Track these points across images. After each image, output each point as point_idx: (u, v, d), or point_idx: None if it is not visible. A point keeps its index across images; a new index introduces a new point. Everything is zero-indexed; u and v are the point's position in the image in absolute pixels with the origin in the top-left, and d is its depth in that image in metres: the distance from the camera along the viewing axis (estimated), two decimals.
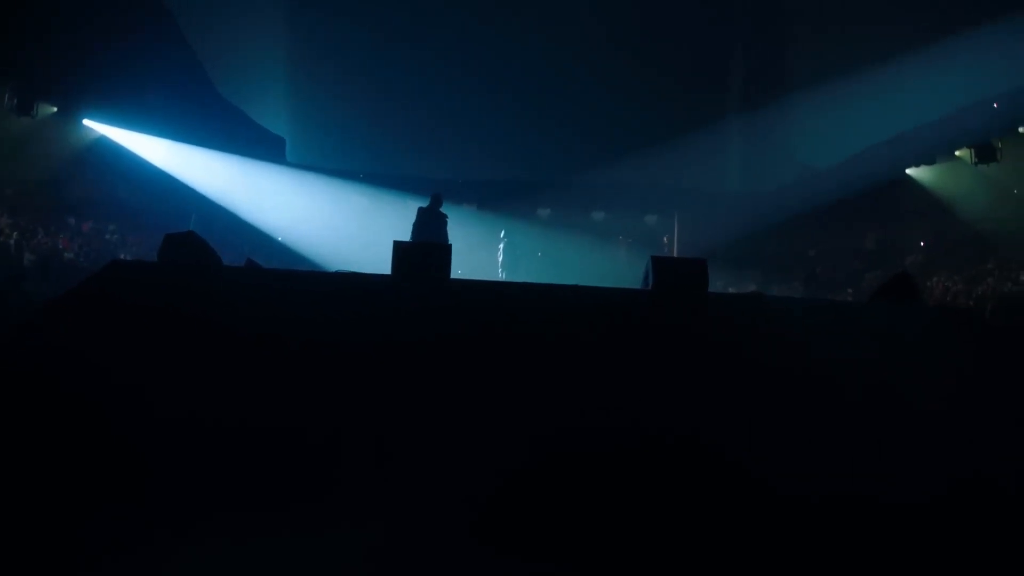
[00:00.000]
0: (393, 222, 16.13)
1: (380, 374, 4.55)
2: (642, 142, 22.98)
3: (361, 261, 12.14)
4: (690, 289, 6.41)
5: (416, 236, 11.31)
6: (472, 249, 16.27)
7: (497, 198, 23.08)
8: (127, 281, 5.69)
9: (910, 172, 21.65)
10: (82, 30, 18.61)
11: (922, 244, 21.58)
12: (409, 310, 5.52)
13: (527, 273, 17.07)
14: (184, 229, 7.75)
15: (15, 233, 16.07)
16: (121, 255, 17.41)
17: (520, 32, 23.45)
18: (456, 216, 12.12)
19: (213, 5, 22.13)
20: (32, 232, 16.99)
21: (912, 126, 20.73)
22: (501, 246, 18.24)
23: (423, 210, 11.78)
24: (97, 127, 20.47)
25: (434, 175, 21.94)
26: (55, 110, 19.39)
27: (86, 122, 20.27)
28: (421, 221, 11.65)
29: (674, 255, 19.66)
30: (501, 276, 17.22)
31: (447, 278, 6.51)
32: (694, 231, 21.43)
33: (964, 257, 19.61)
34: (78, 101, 19.84)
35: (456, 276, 6.71)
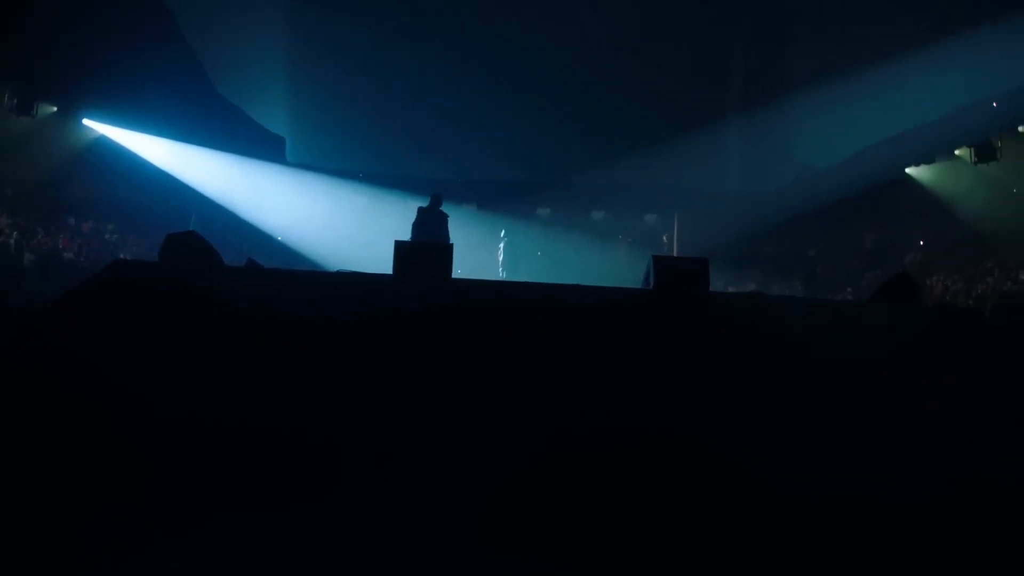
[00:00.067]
0: (394, 222, 16.13)
1: (381, 374, 4.55)
2: (642, 142, 23.00)
3: (361, 261, 12.13)
4: (691, 289, 6.40)
5: (416, 236, 11.28)
6: (472, 249, 16.26)
7: (497, 198, 23.08)
8: (128, 281, 5.68)
9: (910, 171, 21.65)
10: (82, 30, 18.61)
11: (921, 243, 21.57)
12: (410, 310, 5.52)
13: (527, 273, 17.09)
14: (184, 229, 7.75)
15: (15, 233, 16.06)
16: (121, 255, 17.40)
17: (520, 32, 23.46)
18: (456, 216, 12.11)
19: (213, 5, 22.14)
20: (32, 232, 16.98)
21: (912, 126, 20.73)
22: (501, 245, 18.26)
23: (423, 210, 11.75)
24: (97, 127, 20.47)
25: (434, 175, 21.96)
26: (55, 110, 19.39)
27: (86, 122, 20.27)
28: (421, 221, 11.62)
29: (674, 255, 19.65)
30: (501, 275, 17.23)
31: (448, 278, 6.51)
32: (694, 231, 21.43)
33: (964, 256, 19.60)
34: (78, 101, 19.84)
35: (456, 276, 6.70)
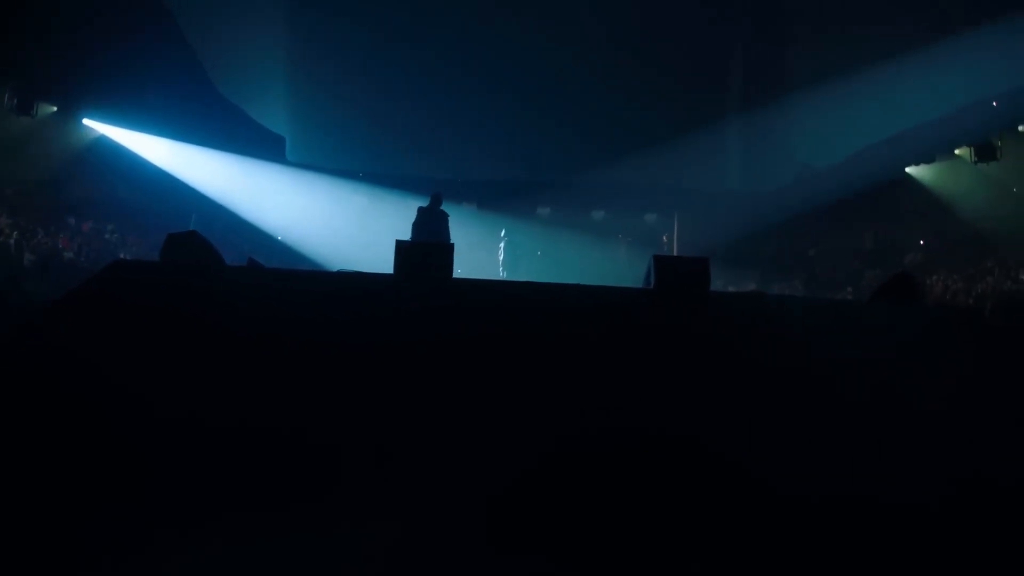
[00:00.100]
0: (394, 222, 16.12)
1: (382, 374, 4.55)
2: (642, 142, 22.99)
3: (361, 260, 12.12)
4: (692, 288, 6.40)
5: (417, 236, 11.25)
6: (472, 248, 16.26)
7: (497, 197, 23.09)
8: (129, 281, 5.68)
9: (910, 171, 21.67)
10: (82, 30, 18.62)
11: (921, 243, 21.59)
12: (411, 309, 5.52)
13: (527, 272, 17.11)
14: (185, 229, 7.74)
15: (15, 233, 16.08)
16: (121, 255, 17.41)
17: (520, 32, 23.44)
18: (456, 215, 12.10)
19: (213, 5, 22.14)
20: (32, 232, 16.99)
21: (912, 125, 20.74)
22: (502, 245, 18.28)
23: (423, 209, 11.73)
24: (97, 127, 20.49)
25: (434, 174, 21.96)
26: (55, 110, 19.41)
27: (86, 122, 20.29)
28: (422, 220, 11.59)
29: (674, 254, 19.65)
30: (502, 275, 17.24)
31: (449, 277, 6.50)
32: (694, 230, 21.42)
33: (964, 256, 19.62)
34: (78, 101, 19.86)
35: (457, 275, 6.70)
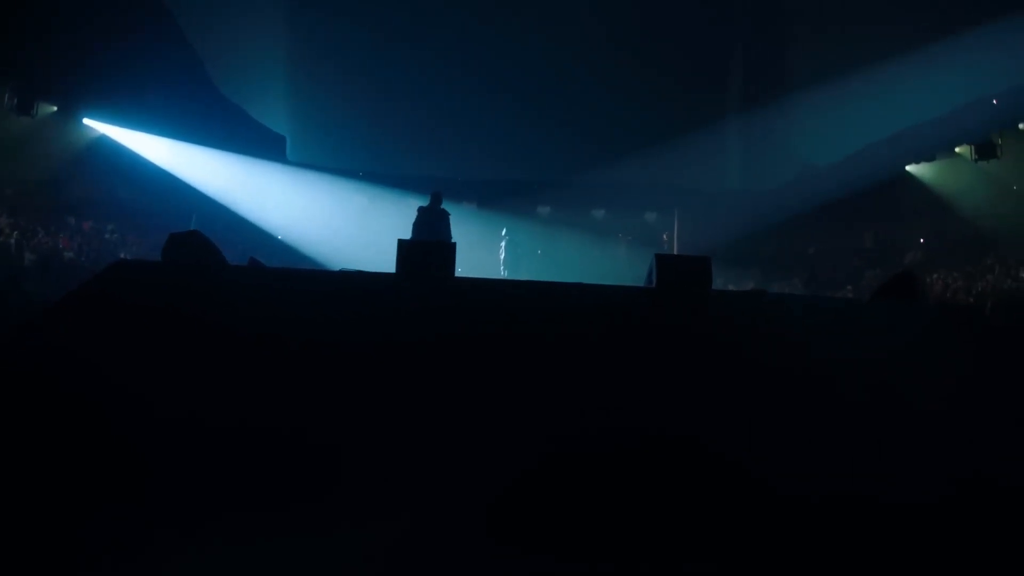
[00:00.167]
0: (394, 221, 16.14)
1: (383, 373, 4.55)
2: (642, 141, 23.02)
3: (361, 260, 12.13)
4: (693, 287, 6.40)
5: (417, 235, 11.25)
6: (472, 247, 16.28)
7: (497, 197, 23.11)
8: (131, 281, 5.68)
9: (910, 169, 21.68)
10: (82, 29, 18.62)
11: (922, 241, 21.58)
12: (413, 308, 5.52)
13: (528, 271, 17.12)
14: (186, 228, 7.74)
15: (15, 233, 16.08)
16: (121, 254, 17.41)
17: (520, 32, 23.45)
18: (456, 215, 12.09)
19: (213, 4, 22.13)
20: (32, 232, 16.99)
21: (913, 124, 20.74)
22: (503, 244, 18.30)
23: (424, 209, 11.73)
24: (97, 126, 20.49)
25: (434, 174, 21.97)
26: (55, 109, 19.41)
27: (86, 121, 20.29)
28: (422, 220, 11.59)
29: (674, 253, 19.65)
30: (503, 274, 17.26)
31: (451, 276, 6.51)
32: (694, 229, 21.42)
33: (964, 254, 19.62)
34: (78, 100, 19.85)
35: (458, 274, 6.71)
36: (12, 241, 15.70)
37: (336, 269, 12.77)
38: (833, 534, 3.53)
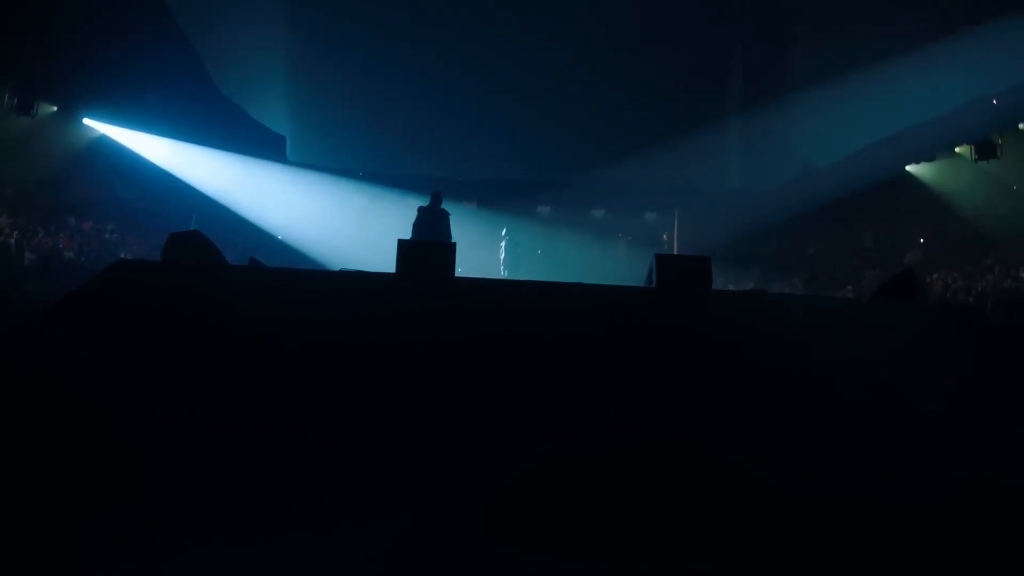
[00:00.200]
0: (394, 221, 16.13)
1: (385, 373, 4.55)
2: (642, 141, 22.98)
3: (361, 259, 12.13)
4: (693, 287, 6.40)
5: (418, 235, 11.23)
6: (472, 247, 16.29)
7: (497, 196, 23.10)
8: (132, 281, 5.68)
9: (910, 169, 21.67)
10: (82, 29, 18.61)
11: (922, 241, 21.57)
12: (414, 308, 5.52)
13: (528, 271, 17.13)
14: (186, 228, 7.74)
15: (15, 233, 16.08)
16: (121, 254, 17.41)
17: (520, 32, 23.43)
18: (456, 214, 12.09)
19: (214, 4, 22.11)
20: (32, 232, 16.99)
21: (913, 123, 20.71)
22: (503, 244, 18.32)
23: (424, 209, 11.72)
24: (97, 126, 20.48)
25: (434, 173, 21.95)
26: (55, 109, 19.41)
27: (86, 121, 20.28)
28: (423, 220, 11.58)
29: (674, 252, 19.64)
30: (503, 274, 17.27)
31: (451, 276, 6.51)
32: (694, 229, 21.41)
33: (964, 254, 19.60)
34: (78, 100, 19.85)
35: (458, 274, 6.71)
36: (12, 241, 15.70)
37: (336, 269, 12.77)
38: (833, 534, 3.53)
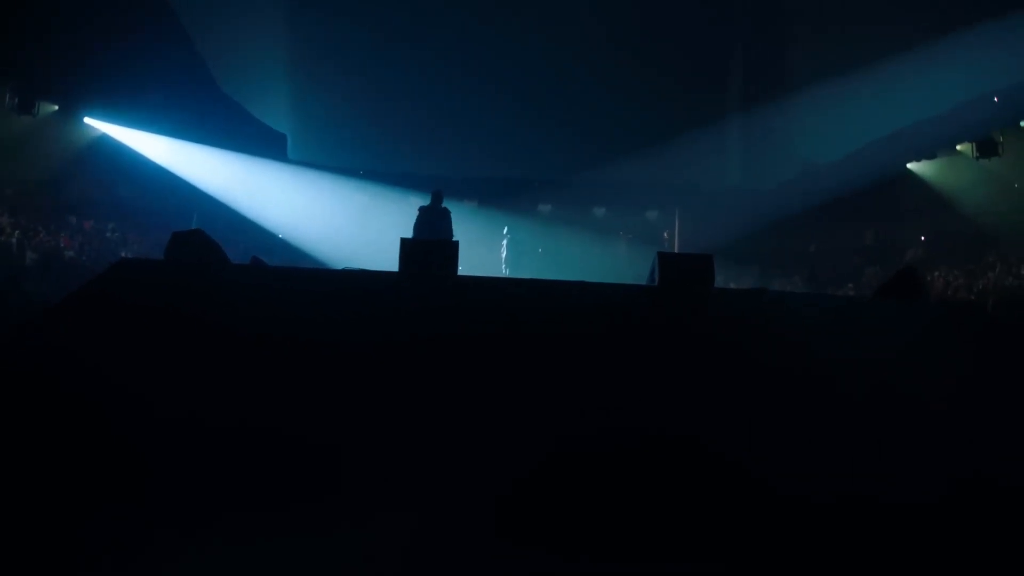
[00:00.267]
0: (395, 219, 16.15)
1: (387, 372, 4.54)
2: (643, 140, 23.00)
3: (362, 258, 12.14)
4: (695, 285, 6.39)
5: (419, 235, 11.25)
6: (472, 245, 16.30)
7: (498, 195, 23.13)
8: (135, 280, 5.68)
9: (911, 167, 21.67)
10: (83, 28, 18.63)
11: (923, 239, 21.57)
12: (417, 306, 5.51)
13: (529, 269, 17.16)
14: (187, 227, 7.74)
15: (16, 232, 16.09)
16: (123, 253, 17.42)
17: (520, 32, 23.43)
18: (457, 213, 12.09)
19: (215, 3, 22.12)
20: (33, 231, 17.00)
21: (914, 121, 20.71)
22: (504, 242, 18.35)
23: (425, 208, 11.73)
24: (98, 125, 20.49)
25: (435, 172, 21.97)
26: (56, 109, 19.43)
27: (87, 120, 20.29)
28: (424, 219, 11.60)
29: (675, 251, 19.65)
30: (504, 272, 17.31)
31: (454, 274, 6.51)
32: (695, 227, 21.42)
33: (965, 251, 19.61)
34: (79, 99, 19.88)
35: (460, 273, 6.71)
36: (13, 240, 15.71)
37: (338, 268, 12.77)
38: (833, 534, 3.52)
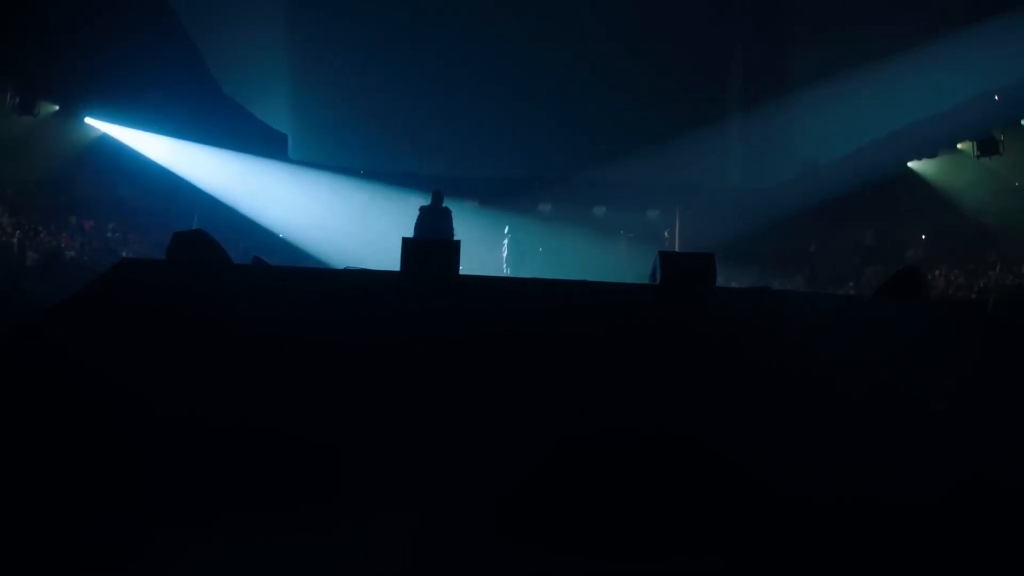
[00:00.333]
0: (395, 219, 16.12)
1: (389, 371, 4.54)
2: (643, 139, 22.97)
3: (363, 257, 12.14)
4: (697, 284, 6.38)
5: (420, 235, 11.24)
6: (473, 245, 16.29)
7: (498, 195, 23.12)
8: (137, 280, 5.68)
9: (912, 165, 21.64)
10: (84, 28, 18.60)
11: (923, 237, 21.54)
12: (419, 306, 5.51)
13: (530, 269, 17.16)
14: (188, 227, 7.74)
15: (17, 232, 16.09)
16: (123, 253, 17.41)
17: (520, 32, 23.41)
18: (458, 213, 12.08)
19: (215, 3, 22.10)
20: (34, 231, 17.00)
21: (914, 120, 20.68)
22: (506, 242, 18.35)
23: (425, 208, 11.73)
24: (99, 125, 20.47)
25: (436, 172, 21.95)
26: (57, 109, 19.40)
27: (88, 120, 20.27)
28: (425, 220, 11.59)
29: (675, 250, 19.63)
30: (506, 271, 17.30)
31: (456, 274, 6.51)
32: (695, 226, 21.41)
33: (966, 250, 19.58)
34: (80, 99, 19.84)
35: (461, 272, 6.71)
36: (14, 240, 15.71)
37: (339, 267, 12.77)
38: (833, 534, 3.51)
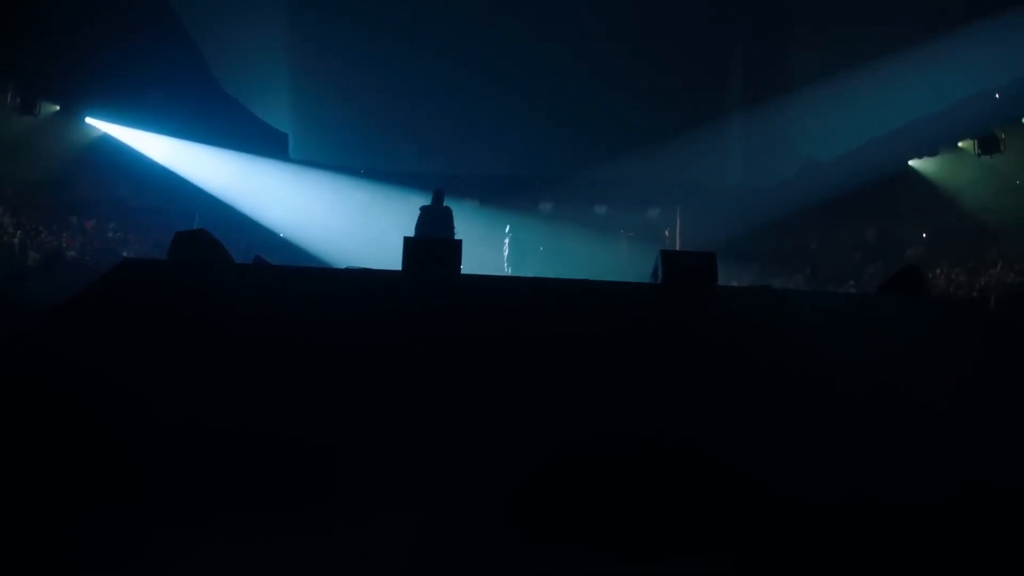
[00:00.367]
0: (396, 218, 16.12)
1: (390, 371, 4.53)
2: (643, 138, 22.95)
3: (364, 256, 12.14)
4: (699, 283, 6.38)
5: (421, 234, 11.24)
6: (473, 244, 16.29)
7: (499, 194, 23.11)
8: (138, 280, 5.68)
9: (913, 164, 21.63)
10: (84, 28, 18.60)
11: (924, 236, 21.52)
12: (420, 305, 5.51)
13: (532, 268, 17.17)
14: (189, 226, 7.74)
15: (18, 232, 16.10)
16: (124, 253, 17.42)
17: (520, 32, 23.39)
18: (458, 212, 12.08)
19: (215, 2, 22.09)
20: (35, 231, 17.01)
21: (915, 118, 20.65)
22: (507, 241, 18.35)
23: (426, 208, 11.74)
24: (100, 125, 20.47)
25: (436, 171, 21.94)
26: (58, 108, 19.41)
27: (89, 120, 20.27)
28: (426, 219, 11.60)
29: (676, 248, 19.62)
30: (507, 271, 17.31)
31: (457, 273, 6.51)
32: (696, 225, 21.39)
33: (967, 249, 19.56)
34: (81, 99, 19.85)
35: (463, 271, 6.72)
36: (15, 240, 15.72)
37: (341, 267, 12.78)
38: (833, 534, 3.51)
